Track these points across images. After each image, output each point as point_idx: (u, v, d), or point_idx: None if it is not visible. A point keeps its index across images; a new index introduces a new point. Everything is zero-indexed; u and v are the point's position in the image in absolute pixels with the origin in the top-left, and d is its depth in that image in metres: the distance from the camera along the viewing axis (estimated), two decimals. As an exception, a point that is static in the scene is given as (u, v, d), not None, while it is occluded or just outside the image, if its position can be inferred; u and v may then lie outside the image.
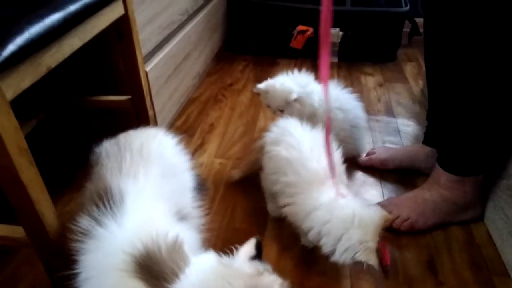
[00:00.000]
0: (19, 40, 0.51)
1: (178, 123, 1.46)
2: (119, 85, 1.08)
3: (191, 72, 1.57)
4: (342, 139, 1.17)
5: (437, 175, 1.01)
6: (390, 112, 1.52)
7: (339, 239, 0.76)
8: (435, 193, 0.99)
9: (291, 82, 1.15)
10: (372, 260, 0.73)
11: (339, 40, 1.87)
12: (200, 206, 0.83)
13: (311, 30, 1.87)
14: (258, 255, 0.57)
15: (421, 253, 0.95)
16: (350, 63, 1.92)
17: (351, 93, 1.21)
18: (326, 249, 0.78)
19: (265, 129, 1.41)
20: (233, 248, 0.58)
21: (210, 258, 0.55)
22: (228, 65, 1.91)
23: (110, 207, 0.61)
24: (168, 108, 1.34)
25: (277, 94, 1.12)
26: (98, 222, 0.60)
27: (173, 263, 0.52)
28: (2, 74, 0.49)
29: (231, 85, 1.74)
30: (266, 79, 1.76)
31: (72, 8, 0.63)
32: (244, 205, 1.08)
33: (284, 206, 0.88)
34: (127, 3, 0.85)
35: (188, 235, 0.64)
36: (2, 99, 0.49)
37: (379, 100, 1.61)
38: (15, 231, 0.63)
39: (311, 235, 0.81)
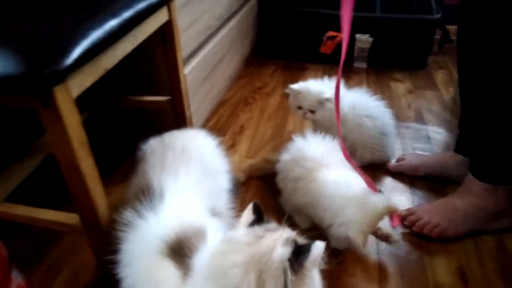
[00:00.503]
0: (85, 44, 0.56)
1: (210, 123, 1.50)
2: (159, 86, 1.14)
3: (223, 75, 1.62)
4: (371, 146, 1.19)
5: (469, 183, 1.01)
6: (420, 119, 1.52)
7: (337, 214, 0.83)
8: (467, 201, 0.99)
9: (323, 85, 1.18)
10: (359, 241, 0.76)
11: (369, 46, 1.88)
12: (233, 207, 0.86)
13: (340, 36, 1.88)
14: (258, 219, 0.56)
15: (451, 260, 0.95)
16: (379, 69, 1.92)
17: (380, 100, 1.23)
18: (326, 222, 0.85)
19: (294, 132, 1.45)
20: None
21: (218, 237, 0.57)
22: (257, 69, 1.95)
23: (150, 201, 0.66)
24: (202, 109, 1.39)
25: (310, 93, 1.15)
26: (139, 214, 0.64)
27: (194, 244, 0.57)
28: (70, 75, 0.54)
29: (260, 88, 1.78)
30: (295, 83, 1.80)
31: (126, 14, 0.68)
32: (273, 205, 1.11)
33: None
34: (171, 9, 0.90)
35: (217, 228, 0.67)
36: (69, 97, 0.54)
37: (409, 107, 1.61)
38: (70, 218, 0.68)
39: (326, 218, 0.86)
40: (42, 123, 0.55)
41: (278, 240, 0.51)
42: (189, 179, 0.75)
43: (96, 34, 0.59)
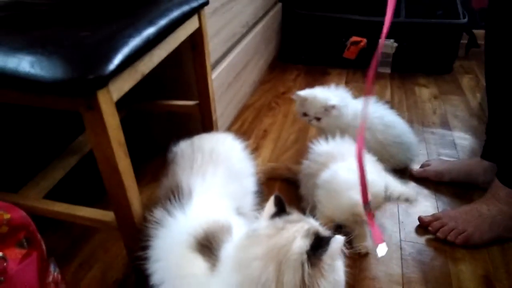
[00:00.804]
0: (125, 51, 0.59)
1: (235, 127, 1.54)
2: (187, 91, 1.18)
3: (248, 81, 1.66)
4: (391, 155, 1.18)
5: (495, 190, 0.99)
6: (445, 125, 1.50)
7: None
8: (493, 207, 0.98)
9: (329, 92, 1.19)
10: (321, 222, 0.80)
11: (393, 51, 1.87)
12: (257, 208, 0.89)
13: (364, 41, 1.89)
14: (280, 211, 0.57)
15: (476, 267, 0.94)
16: (403, 74, 1.91)
17: (389, 108, 1.25)
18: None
19: (316, 136, 1.46)
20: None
21: (243, 231, 0.59)
22: (281, 74, 1.98)
23: (180, 200, 0.69)
24: (227, 113, 1.43)
25: (316, 100, 1.15)
26: (169, 213, 0.67)
27: (221, 239, 0.59)
28: (112, 79, 0.58)
29: (284, 93, 1.80)
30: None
31: (162, 22, 0.72)
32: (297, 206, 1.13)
33: None
34: (201, 17, 0.93)
35: (242, 225, 0.69)
36: (110, 100, 0.58)
37: (434, 112, 1.59)
38: (106, 215, 0.72)
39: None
40: (84, 124, 0.59)
41: (298, 231, 0.51)
42: (216, 180, 0.77)
43: (135, 42, 0.62)
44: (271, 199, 0.58)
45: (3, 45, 0.58)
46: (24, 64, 0.55)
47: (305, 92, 1.18)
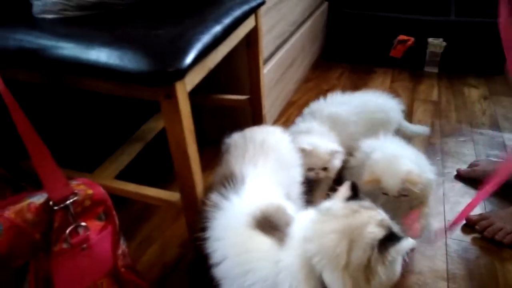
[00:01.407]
0: (198, 46, 0.66)
1: (279, 123, 1.59)
2: (238, 86, 1.24)
3: (293, 78, 1.70)
4: None
5: (548, 192, 0.98)
6: (495, 126, 1.47)
7: None
8: (544, 209, 0.97)
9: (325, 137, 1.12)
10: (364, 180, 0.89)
11: (442, 51, 1.85)
12: (303, 198, 0.93)
13: (412, 40, 1.88)
14: (354, 195, 0.62)
15: (525, 268, 0.94)
16: (452, 74, 1.88)
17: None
18: None
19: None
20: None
21: (310, 211, 0.64)
22: (325, 73, 2.00)
23: (234, 186, 0.75)
24: (273, 109, 1.48)
25: (321, 150, 1.05)
26: (225, 197, 0.73)
27: (282, 219, 0.64)
28: (187, 74, 0.65)
29: (327, 91, 1.81)
30: (362, 86, 1.83)
31: (227, 21, 0.78)
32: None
33: None
34: (257, 16, 0.99)
35: (288, 205, 0.74)
36: (185, 91, 0.65)
37: (483, 113, 1.56)
38: (172, 196, 0.80)
39: None
40: (162, 112, 0.66)
41: (372, 218, 0.57)
42: (266, 168, 0.83)
43: (205, 39, 0.69)
44: (347, 184, 0.64)
45: (95, 40, 0.66)
46: (114, 57, 0.63)
47: (307, 144, 1.05)
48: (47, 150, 0.69)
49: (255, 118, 1.18)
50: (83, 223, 0.70)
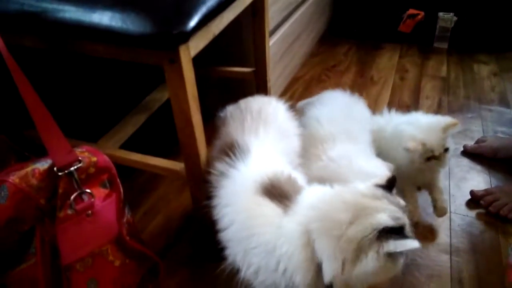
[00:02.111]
0: (203, 10, 0.64)
1: (284, 98, 1.56)
2: (243, 58, 1.22)
3: (299, 52, 1.67)
4: None
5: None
6: (504, 103, 1.45)
7: None
8: (552, 185, 0.96)
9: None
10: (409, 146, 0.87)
11: (452, 26, 1.80)
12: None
13: (422, 14, 1.83)
14: (387, 187, 0.58)
15: (529, 243, 0.93)
16: (462, 50, 1.84)
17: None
18: None
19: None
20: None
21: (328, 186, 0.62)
22: (331, 48, 1.96)
23: (239, 154, 0.74)
24: (278, 83, 1.46)
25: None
26: (231, 165, 0.73)
27: (291, 187, 0.64)
28: (191, 37, 0.63)
29: (334, 66, 1.80)
30: (370, 62, 1.79)
31: (232, -14, 0.75)
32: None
33: None
34: (264, -17, 0.96)
35: (298, 176, 0.73)
36: (189, 56, 0.64)
37: (492, 90, 1.53)
38: (176, 165, 0.79)
39: None
40: (165, 77, 0.65)
41: (389, 211, 0.53)
42: (269, 136, 0.82)
43: (210, 2, 0.67)
44: (387, 175, 0.60)
45: (97, 2, 0.64)
46: (116, 19, 0.61)
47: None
48: (50, 116, 0.68)
49: (260, 91, 1.17)
50: (87, 190, 0.70)
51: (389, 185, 0.59)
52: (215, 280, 0.87)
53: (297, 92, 1.61)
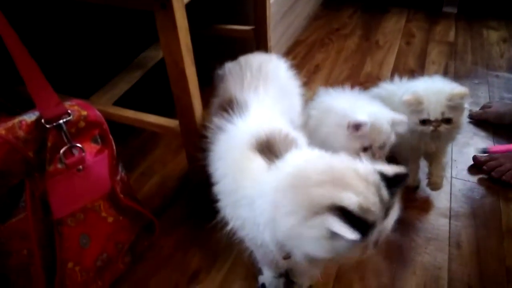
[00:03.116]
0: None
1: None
2: (243, 16, 1.17)
3: (302, 13, 1.60)
4: None
5: None
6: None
7: None
8: (557, 151, 0.94)
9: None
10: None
11: (463, -11, 1.72)
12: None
13: (432, -24, 1.74)
14: (391, 181, 0.51)
15: (529, 208, 0.92)
16: (471, 15, 1.76)
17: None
18: None
19: (371, 74, 1.42)
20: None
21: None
22: (335, 11, 1.89)
23: (237, 110, 0.71)
24: (280, 44, 1.41)
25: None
26: (228, 120, 0.70)
27: (285, 146, 0.61)
28: (183, -20, 0.59)
29: (338, 29, 1.74)
30: (376, 26, 1.73)
31: None
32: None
33: None
34: None
35: (298, 136, 0.70)
36: (181, 2, 0.59)
37: (501, 56, 1.48)
38: (170, 122, 0.77)
39: None
40: (157, 26, 0.61)
41: (365, 198, 0.48)
42: (268, 94, 0.78)
43: None
44: (399, 168, 0.53)
45: None
46: (103, -41, 0.57)
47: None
48: (37, 67, 0.65)
49: (260, 50, 1.12)
50: (78, 144, 0.68)
51: (393, 180, 0.51)
52: (210, 238, 0.87)
53: (300, 55, 1.56)
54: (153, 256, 0.85)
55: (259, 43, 1.11)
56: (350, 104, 0.85)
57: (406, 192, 0.96)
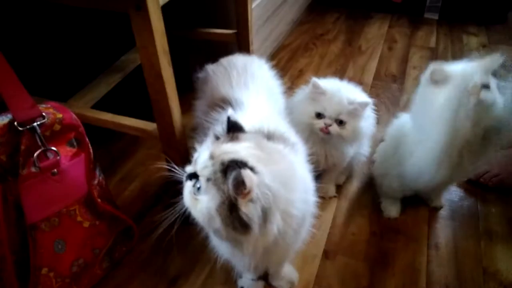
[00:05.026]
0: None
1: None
2: (226, 20, 1.17)
3: (285, 18, 1.61)
4: None
5: (538, 136, 0.96)
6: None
7: None
8: (533, 153, 0.95)
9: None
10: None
11: (443, -4, 1.76)
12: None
13: (413, -17, 1.78)
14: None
15: (506, 210, 0.93)
16: (452, 21, 1.80)
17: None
18: None
19: (354, 79, 1.43)
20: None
21: None
22: (320, 16, 1.91)
23: (235, 107, 0.70)
24: (263, 49, 1.41)
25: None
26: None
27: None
28: (159, -18, 0.58)
29: (322, 35, 1.75)
30: (359, 31, 1.75)
31: None
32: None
33: None
34: None
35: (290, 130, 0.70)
36: (157, 3, 0.59)
37: (480, 61, 1.51)
38: (148, 125, 0.76)
39: None
40: (132, 28, 0.61)
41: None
42: (258, 91, 0.78)
43: None
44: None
45: None
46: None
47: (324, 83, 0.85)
48: (10, 68, 0.64)
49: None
50: (52, 148, 0.67)
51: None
52: (189, 243, 0.86)
53: (283, 60, 1.57)
54: (131, 261, 0.84)
55: (241, 47, 1.11)
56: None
57: (386, 195, 0.97)
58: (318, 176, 0.94)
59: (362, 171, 1.05)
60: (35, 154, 0.65)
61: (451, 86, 0.69)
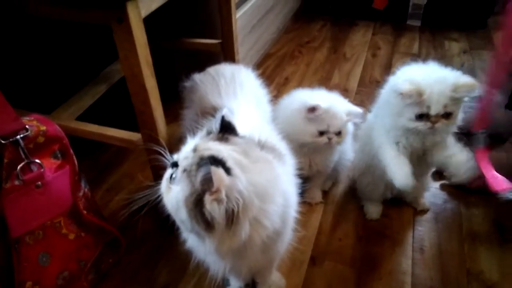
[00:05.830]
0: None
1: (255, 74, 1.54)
2: (211, 30, 1.18)
3: (271, 27, 1.64)
4: None
5: (517, 139, 0.98)
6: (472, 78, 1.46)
7: None
8: (513, 156, 0.98)
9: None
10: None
11: (425, 3, 1.80)
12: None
13: (394, -9, 1.82)
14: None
15: (489, 212, 0.95)
16: (434, 28, 1.84)
17: None
18: None
19: (339, 86, 1.45)
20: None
21: None
22: (306, 24, 1.94)
23: None
24: (248, 58, 1.43)
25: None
26: None
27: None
28: (140, -5, 0.59)
29: (308, 42, 1.78)
30: (344, 39, 1.78)
31: None
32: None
33: None
34: None
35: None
36: (138, 15, 0.60)
37: (461, 66, 1.55)
38: (133, 136, 0.76)
39: None
40: (115, 41, 0.61)
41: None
42: (247, 100, 0.79)
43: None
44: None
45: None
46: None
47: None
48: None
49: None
50: (36, 160, 0.67)
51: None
52: (177, 252, 0.86)
53: (269, 68, 1.59)
54: (119, 272, 0.84)
55: (227, 56, 1.12)
56: (310, 95, 0.91)
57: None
58: (304, 181, 0.95)
59: (348, 176, 1.06)
60: (18, 167, 0.65)
61: None
